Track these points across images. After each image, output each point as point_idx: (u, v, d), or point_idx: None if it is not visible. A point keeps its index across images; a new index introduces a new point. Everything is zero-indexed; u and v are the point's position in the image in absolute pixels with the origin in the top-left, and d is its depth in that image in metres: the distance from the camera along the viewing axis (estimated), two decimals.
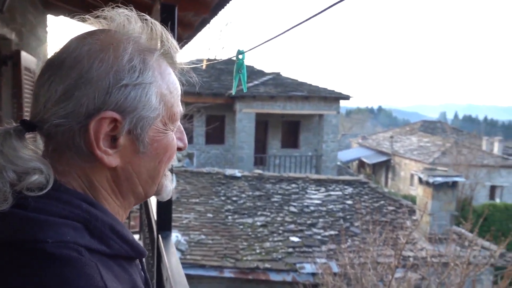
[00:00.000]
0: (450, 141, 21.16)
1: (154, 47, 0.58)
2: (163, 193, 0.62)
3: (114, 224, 0.52)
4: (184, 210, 7.66)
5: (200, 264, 6.14)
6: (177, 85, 0.60)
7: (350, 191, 9.13)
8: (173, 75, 0.60)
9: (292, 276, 6.08)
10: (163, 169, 0.60)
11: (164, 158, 0.58)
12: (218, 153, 15.34)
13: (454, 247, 4.25)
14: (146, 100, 0.54)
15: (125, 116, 0.52)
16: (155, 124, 0.56)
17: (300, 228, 7.42)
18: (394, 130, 31.37)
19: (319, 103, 14.40)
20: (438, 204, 7.20)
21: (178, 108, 0.60)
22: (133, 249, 0.54)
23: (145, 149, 0.55)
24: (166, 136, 0.58)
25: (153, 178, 0.59)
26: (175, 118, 0.59)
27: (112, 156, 0.53)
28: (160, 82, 0.56)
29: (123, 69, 0.52)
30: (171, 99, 0.58)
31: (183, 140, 0.63)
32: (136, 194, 0.59)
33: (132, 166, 0.56)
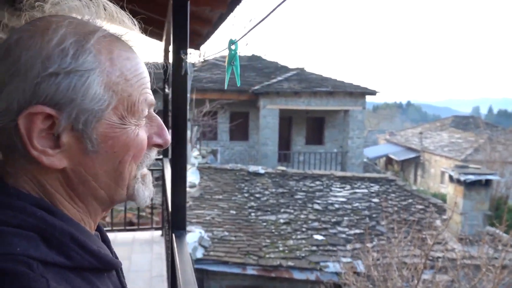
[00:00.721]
0: (484, 137, 20.22)
1: (99, 28, 0.50)
2: (137, 199, 0.55)
3: (76, 233, 0.47)
4: (208, 207, 7.70)
5: (223, 260, 6.15)
6: (139, 72, 0.52)
7: (376, 188, 8.89)
8: (135, 60, 0.52)
9: (315, 275, 5.99)
10: (129, 171, 0.52)
11: (126, 157, 0.51)
12: (242, 149, 15.36)
13: (487, 249, 4.02)
14: (85, 89, 0.46)
15: (61, 110, 0.46)
16: (105, 118, 0.48)
17: (324, 226, 7.29)
18: (423, 126, 30.35)
19: (344, 98, 14.12)
20: (470, 203, 6.88)
21: (143, 98, 0.52)
22: (99, 260, 0.48)
23: (96, 148, 0.48)
24: (125, 132, 0.50)
25: (116, 181, 0.52)
26: (136, 110, 0.51)
27: (54, 156, 0.47)
28: (108, 69, 0.49)
29: (51, 54, 0.45)
30: (127, 87, 0.50)
31: (163, 136, 0.56)
32: (99, 199, 0.52)
33: (85, 168, 0.49)
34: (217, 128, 14.50)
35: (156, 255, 3.75)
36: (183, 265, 1.48)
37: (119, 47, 0.51)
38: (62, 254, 0.45)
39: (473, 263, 4.02)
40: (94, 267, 0.48)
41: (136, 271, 3.39)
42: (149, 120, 0.56)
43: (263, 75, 15.85)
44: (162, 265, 3.51)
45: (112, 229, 4.44)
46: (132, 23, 0.55)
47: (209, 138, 13.88)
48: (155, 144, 0.56)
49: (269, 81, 14.79)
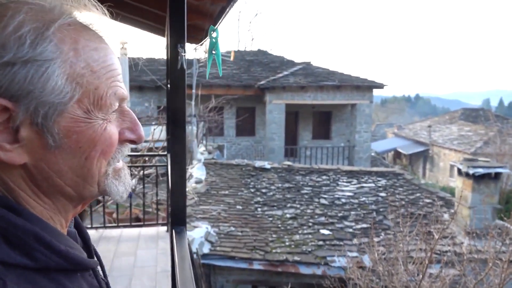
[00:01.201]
0: (494, 129, 19.92)
1: (62, 15, 0.47)
2: (111, 195, 0.53)
3: (41, 232, 0.45)
4: (214, 202, 7.72)
5: (229, 255, 6.16)
6: (107, 64, 0.49)
7: (383, 183, 8.82)
8: (104, 51, 0.50)
9: (322, 270, 5.97)
10: (97, 167, 0.50)
11: (93, 153, 0.48)
12: (249, 145, 15.36)
13: (496, 242, 3.97)
14: (44, 81, 0.44)
15: (17, 102, 0.43)
16: (68, 112, 0.46)
17: (331, 221, 7.26)
18: (432, 119, 30.01)
19: (352, 92, 14.01)
20: (479, 196, 6.78)
21: (111, 91, 0.49)
22: (67, 260, 0.46)
23: (58, 143, 0.46)
24: (91, 126, 0.48)
25: (84, 177, 0.49)
26: (104, 104, 0.48)
27: (13, 152, 0.44)
28: (72, 59, 0.46)
29: (7, 41, 0.42)
30: (94, 80, 0.47)
31: (136, 131, 0.53)
32: (66, 195, 0.50)
33: (47, 164, 0.47)
34: (223, 124, 14.51)
35: (161, 251, 3.77)
36: (182, 261, 1.48)
37: (86, 37, 0.48)
38: (26, 255, 0.43)
39: (480, 257, 3.97)
40: (62, 268, 0.46)
41: (141, 266, 3.41)
42: (121, 114, 0.53)
43: (269, 70, 15.79)
44: (167, 261, 3.52)
45: (118, 225, 4.47)
46: (102, 12, 0.52)
47: (215, 134, 13.90)
48: (127, 139, 0.53)
49: (275, 75, 14.74)
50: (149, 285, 3.08)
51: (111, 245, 3.86)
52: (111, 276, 3.17)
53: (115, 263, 3.45)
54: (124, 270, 3.32)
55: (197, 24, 3.51)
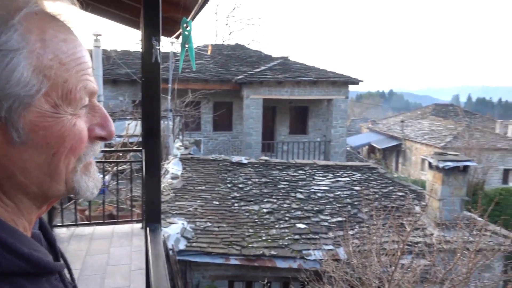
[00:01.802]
0: (463, 124, 20.72)
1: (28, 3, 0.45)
2: (80, 192, 0.50)
3: (2, 235, 0.43)
4: (190, 198, 7.65)
5: (206, 251, 6.14)
6: (77, 56, 0.47)
7: (358, 177, 9.00)
8: (74, 43, 0.47)
9: (298, 263, 6.05)
10: (65, 164, 0.47)
11: (62, 149, 0.46)
12: (226, 140, 15.29)
13: (463, 233, 4.13)
14: (8, 72, 0.42)
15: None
16: (35, 106, 0.43)
17: (307, 215, 7.35)
18: (405, 114, 30.86)
19: (328, 87, 14.16)
20: (448, 189, 7.04)
21: (81, 85, 0.47)
22: (30, 264, 0.44)
23: (24, 138, 0.43)
24: (60, 122, 0.45)
25: (51, 175, 0.47)
26: (73, 98, 0.46)
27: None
28: (39, 50, 0.43)
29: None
30: (63, 72, 0.45)
31: (106, 127, 0.51)
32: (30, 195, 0.47)
33: (11, 161, 0.44)
34: (200, 119, 14.37)
35: (135, 248, 3.70)
36: (156, 260, 1.45)
37: (54, 27, 0.46)
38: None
39: (450, 247, 4.13)
40: (25, 272, 0.44)
41: (114, 265, 3.34)
42: (91, 110, 0.51)
43: (246, 65, 15.73)
44: (141, 258, 3.46)
45: (91, 222, 4.36)
46: (71, 1, 0.50)
47: (192, 128, 13.75)
48: (97, 136, 0.51)
49: (252, 70, 14.70)
50: (122, 284, 3.02)
51: (83, 244, 3.75)
52: (83, 275, 3.09)
53: (88, 262, 3.36)
54: (97, 269, 3.24)
55: (173, 17, 3.43)
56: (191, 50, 0.66)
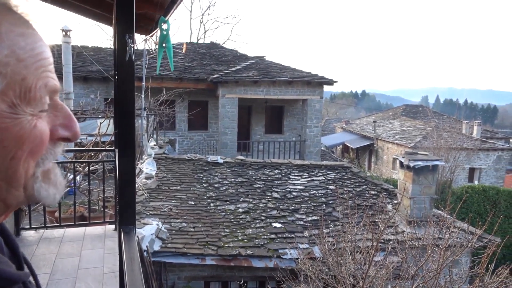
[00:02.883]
0: (431, 125, 21.47)
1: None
2: (42, 199, 0.47)
3: None
4: (165, 198, 7.53)
5: (181, 252, 6.05)
6: (36, 52, 0.44)
7: (332, 176, 9.14)
8: (32, 37, 0.44)
9: (274, 262, 6.07)
10: (24, 168, 0.44)
11: (20, 153, 0.43)
12: (201, 139, 15.16)
13: (434, 230, 4.28)
14: None
15: None
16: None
17: (283, 214, 7.40)
18: (377, 115, 31.66)
19: (303, 87, 14.31)
20: (418, 187, 7.27)
21: (42, 82, 0.44)
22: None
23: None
24: (17, 123, 0.42)
25: (7, 180, 0.43)
26: (33, 97, 0.43)
27: None
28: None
29: None
30: (21, 69, 0.42)
31: (71, 128, 0.48)
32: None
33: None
34: (174, 118, 14.18)
35: (108, 251, 3.60)
36: (130, 263, 1.41)
37: (10, 20, 0.42)
38: None
39: (420, 244, 4.26)
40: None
41: (86, 268, 3.23)
42: (53, 109, 0.47)
43: (221, 64, 15.65)
44: (115, 261, 3.37)
45: (61, 224, 4.20)
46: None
47: (166, 128, 13.54)
48: (60, 137, 0.48)
49: (228, 69, 14.64)
50: (95, 287, 2.93)
51: (53, 247, 3.61)
52: (53, 279, 2.97)
53: (58, 266, 3.23)
54: (67, 273, 3.12)
55: (147, 13, 3.36)
56: (169, 50, 0.64)
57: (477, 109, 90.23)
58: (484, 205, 12.20)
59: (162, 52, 0.57)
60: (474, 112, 79.62)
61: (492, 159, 20.38)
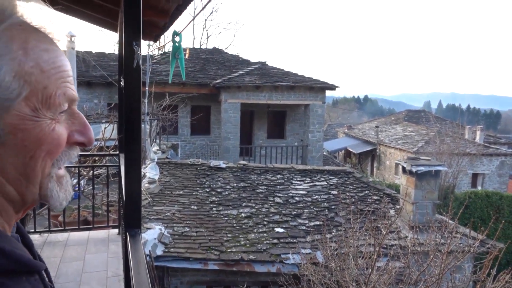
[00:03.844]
0: (434, 130, 21.45)
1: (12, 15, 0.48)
2: (51, 200, 0.52)
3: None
4: (168, 203, 7.55)
5: (184, 256, 6.06)
6: (57, 64, 0.50)
7: (335, 181, 9.14)
8: (55, 53, 0.50)
9: (276, 267, 6.07)
10: (41, 166, 0.49)
11: (39, 153, 0.48)
12: (204, 144, 15.20)
13: (436, 235, 4.28)
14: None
15: None
16: (15, 108, 0.46)
17: (285, 219, 7.40)
18: (379, 120, 31.66)
19: (305, 93, 14.36)
20: (421, 193, 7.26)
21: (61, 91, 0.50)
22: (12, 261, 0.45)
23: (3, 139, 0.46)
24: (38, 125, 0.48)
25: (26, 177, 0.49)
26: (52, 103, 0.49)
27: None
28: (21, 58, 0.46)
29: None
30: (43, 79, 0.48)
31: (86, 134, 0.53)
32: (7, 195, 0.49)
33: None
34: (177, 122, 14.23)
35: (112, 255, 3.62)
36: (137, 266, 1.43)
37: (36, 38, 0.49)
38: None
39: (423, 249, 4.26)
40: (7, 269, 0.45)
41: (90, 271, 3.26)
42: (71, 116, 0.53)
43: (224, 69, 15.73)
44: (118, 265, 3.39)
45: (65, 228, 4.23)
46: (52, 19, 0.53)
47: (169, 132, 13.60)
48: (76, 142, 0.53)
49: (230, 74, 14.71)
50: None
51: (57, 250, 3.64)
52: (57, 283, 2.99)
53: (62, 269, 3.26)
54: (71, 276, 3.15)
55: (151, 20, 3.41)
56: (181, 60, 0.68)
57: (480, 115, 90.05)
58: (487, 211, 12.16)
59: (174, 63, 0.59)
60: (477, 117, 79.45)
61: (495, 165, 20.32)
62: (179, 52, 0.60)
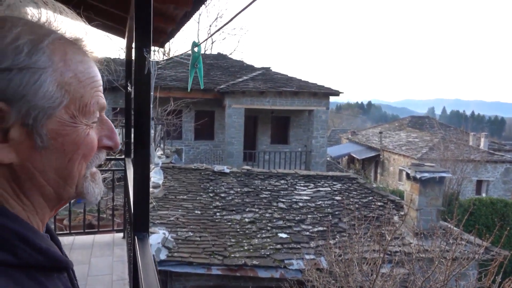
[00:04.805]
0: (438, 136, 21.38)
1: (54, 31, 0.52)
2: (87, 196, 0.56)
3: (22, 230, 0.47)
4: (172, 207, 7.57)
5: (187, 261, 6.07)
6: (91, 75, 0.54)
7: (338, 186, 9.14)
8: (88, 64, 0.54)
9: (280, 273, 6.06)
10: (78, 169, 0.53)
11: (76, 155, 0.52)
12: (208, 149, 15.24)
13: (440, 242, 4.27)
14: (37, 87, 0.48)
15: (11, 104, 0.46)
16: (57, 115, 0.50)
17: (289, 224, 7.40)
18: (383, 126, 31.61)
19: (309, 98, 14.39)
20: (425, 199, 7.24)
21: (94, 100, 0.54)
22: (47, 258, 0.48)
23: (46, 144, 0.49)
24: (75, 131, 0.52)
25: (65, 178, 0.52)
26: (88, 111, 0.53)
27: (1, 151, 0.47)
28: (62, 69, 0.50)
29: (5, 50, 0.47)
30: (80, 89, 0.52)
31: (113, 139, 0.58)
32: (46, 195, 0.52)
33: (33, 163, 0.49)
34: (181, 127, 14.29)
35: (117, 258, 3.64)
36: (146, 269, 1.45)
37: (73, 51, 0.53)
38: (8, 252, 0.44)
39: (427, 256, 4.25)
40: (42, 266, 0.48)
41: (95, 275, 3.27)
42: (100, 122, 0.57)
43: (228, 74, 15.80)
44: (123, 269, 3.41)
45: (70, 232, 4.26)
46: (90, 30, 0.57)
47: (173, 137, 13.65)
48: (105, 146, 0.57)
49: (234, 80, 14.77)
50: None
51: None
52: None
53: None
54: (77, 280, 3.17)
55: (159, 26, 3.46)
56: (200, 70, 0.72)
57: (484, 121, 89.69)
58: (492, 218, 12.07)
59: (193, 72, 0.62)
60: (481, 124, 79.12)
61: (500, 172, 20.21)
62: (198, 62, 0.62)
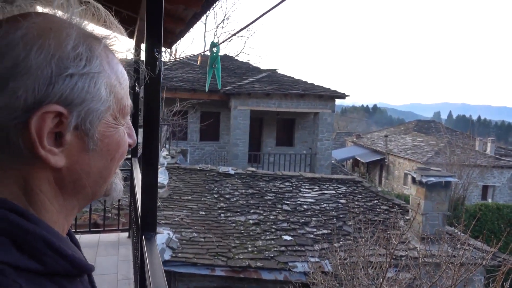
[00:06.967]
0: (444, 140, 21.24)
1: (100, 34, 0.53)
2: (113, 193, 0.58)
3: (50, 237, 0.46)
4: (176, 208, 7.59)
5: (191, 262, 6.07)
6: (125, 76, 0.56)
7: (343, 190, 9.10)
8: (121, 65, 0.56)
9: (284, 275, 6.04)
10: (115, 168, 0.56)
11: (117, 155, 0.54)
12: (213, 150, 15.26)
13: (447, 247, 4.23)
14: (95, 91, 0.49)
15: (71, 109, 0.47)
16: (105, 118, 0.51)
17: (293, 227, 7.38)
18: (388, 129, 31.47)
19: (315, 101, 14.36)
20: (431, 204, 7.19)
21: (128, 101, 0.56)
22: (73, 265, 0.48)
23: (95, 146, 0.50)
24: (117, 131, 0.53)
25: (104, 178, 0.54)
26: (125, 112, 0.55)
27: (58, 155, 0.47)
28: (109, 72, 0.51)
29: (68, 56, 0.47)
30: (120, 90, 0.54)
31: (132, 136, 0.59)
32: (81, 196, 0.53)
33: (81, 166, 0.50)
34: (187, 128, 14.32)
35: (122, 258, 3.65)
36: (154, 269, 1.45)
37: (112, 53, 0.55)
38: (35, 259, 0.44)
39: (434, 261, 4.21)
40: (68, 272, 0.48)
41: (101, 274, 3.29)
42: None
43: (234, 76, 15.83)
44: (129, 268, 3.42)
45: (76, 231, 4.28)
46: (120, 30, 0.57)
47: (179, 138, 13.67)
48: None
49: (240, 82, 14.79)
50: None
51: None
52: None
53: None
54: None
55: (168, 27, 3.47)
56: (218, 71, 0.72)
57: (491, 126, 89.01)
58: (498, 223, 11.96)
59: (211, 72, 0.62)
60: (488, 129, 78.48)
61: (506, 177, 20.03)
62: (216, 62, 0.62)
